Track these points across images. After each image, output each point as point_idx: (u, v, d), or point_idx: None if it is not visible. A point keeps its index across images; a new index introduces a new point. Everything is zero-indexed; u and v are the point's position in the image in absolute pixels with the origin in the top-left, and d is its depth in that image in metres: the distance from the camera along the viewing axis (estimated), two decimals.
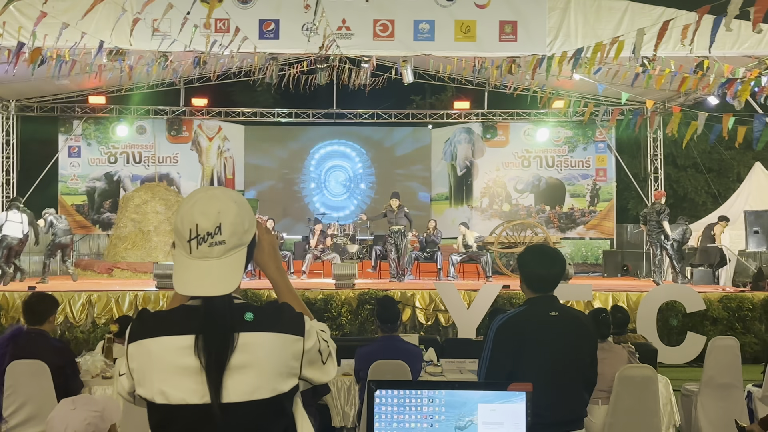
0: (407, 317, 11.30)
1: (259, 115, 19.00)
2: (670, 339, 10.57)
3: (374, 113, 18.87)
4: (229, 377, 1.77)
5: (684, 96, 15.30)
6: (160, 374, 1.79)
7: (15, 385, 4.77)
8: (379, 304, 5.40)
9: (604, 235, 18.94)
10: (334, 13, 12.21)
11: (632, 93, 15.08)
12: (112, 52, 12.02)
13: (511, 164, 18.76)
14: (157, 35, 11.66)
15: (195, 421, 1.78)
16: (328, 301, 11.17)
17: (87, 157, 18.24)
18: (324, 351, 1.95)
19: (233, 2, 12.31)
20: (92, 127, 18.20)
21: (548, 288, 3.53)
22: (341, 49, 12.43)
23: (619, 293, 11.57)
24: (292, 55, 13.67)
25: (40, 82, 14.84)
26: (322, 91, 17.45)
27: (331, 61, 14.15)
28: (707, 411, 6.21)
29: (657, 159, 17.91)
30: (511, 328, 3.44)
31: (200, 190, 1.90)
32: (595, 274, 18.41)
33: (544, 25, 12.48)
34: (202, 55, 12.58)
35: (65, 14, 11.14)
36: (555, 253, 3.60)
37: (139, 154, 18.35)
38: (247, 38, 11.73)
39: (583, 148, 18.57)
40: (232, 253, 1.85)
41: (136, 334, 1.85)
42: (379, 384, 2.72)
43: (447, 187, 19.47)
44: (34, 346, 4.85)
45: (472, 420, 2.65)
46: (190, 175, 18.42)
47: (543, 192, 18.63)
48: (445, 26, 12.52)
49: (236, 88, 21.28)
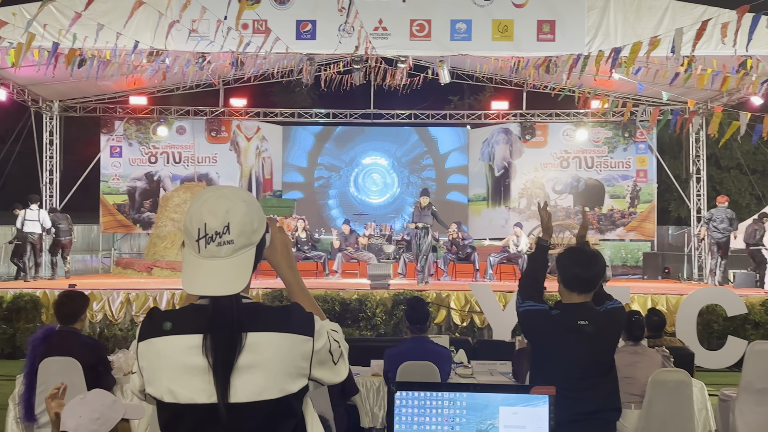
0: (442, 318, 11.26)
1: (297, 115, 19.08)
2: (710, 343, 10.38)
3: (411, 113, 18.84)
4: (237, 377, 1.76)
5: (727, 96, 15.02)
6: (168, 373, 1.79)
7: (48, 382, 4.82)
8: (408, 304, 5.38)
9: (645, 237, 18.65)
10: (370, 14, 12.21)
11: (674, 93, 14.86)
12: (152, 54, 12.18)
13: (550, 165, 18.56)
14: (194, 36, 11.77)
15: (203, 420, 1.78)
16: (363, 302, 11.17)
17: (128, 157, 18.47)
18: (335, 351, 1.93)
19: (271, 3, 12.38)
20: (133, 127, 18.42)
21: (587, 289, 3.48)
22: (377, 50, 12.43)
23: (659, 296, 11.40)
24: (329, 55, 13.69)
25: (82, 83, 15.08)
26: (359, 92, 17.48)
27: (367, 62, 14.15)
28: (745, 417, 6.06)
29: (699, 160, 17.59)
30: (534, 324, 3.46)
31: (209, 190, 1.89)
32: (635, 277, 18.16)
33: (582, 25, 12.34)
34: (239, 56, 12.67)
35: (105, 16, 11.29)
36: (594, 253, 3.56)
37: (178, 154, 18.53)
38: (279, 39, 11.76)
39: (624, 149, 18.31)
40: (240, 253, 1.84)
41: (146, 333, 1.85)
42: (400, 385, 2.70)
43: (484, 187, 19.35)
44: (66, 344, 4.92)
45: (493, 423, 2.61)
46: (228, 175, 18.55)
47: (582, 193, 18.41)
48: (483, 26, 12.44)
49: (275, 89, 21.44)
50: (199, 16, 10.57)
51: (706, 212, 16.68)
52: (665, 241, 19.41)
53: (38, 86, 15.87)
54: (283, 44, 12.01)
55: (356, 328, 10.99)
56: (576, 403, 3.31)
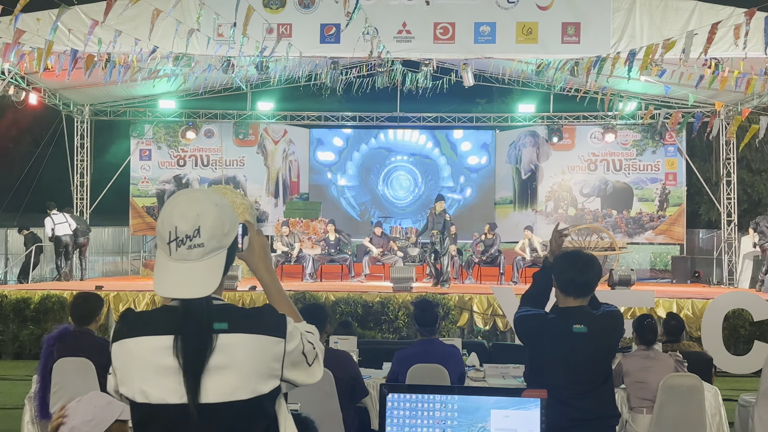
0: (464, 321, 11.24)
1: (324, 119, 19.16)
2: (737, 348, 10.25)
3: (438, 116, 18.83)
4: (209, 378, 1.79)
5: (757, 98, 14.81)
6: (140, 374, 1.82)
7: (62, 382, 4.91)
8: (416, 307, 5.36)
9: (674, 240, 18.43)
10: (394, 17, 12.26)
11: (702, 96, 14.69)
12: (178, 58, 12.31)
13: (577, 168, 18.42)
14: (219, 40, 11.88)
15: (175, 420, 1.81)
16: (386, 304, 11.18)
17: (157, 160, 18.68)
18: (309, 353, 1.95)
19: (295, 7, 12.46)
20: (162, 130, 18.63)
21: (583, 293, 3.47)
22: (401, 53, 12.46)
23: (684, 300, 11.25)
24: (353, 58, 13.74)
25: (111, 87, 15.29)
26: (385, 95, 17.51)
27: (391, 65, 14.17)
28: (764, 422, 5.98)
29: (730, 163, 17.35)
30: (527, 328, 3.45)
31: (182, 193, 1.92)
32: (663, 281, 17.97)
33: (608, 26, 12.25)
34: (264, 60, 12.76)
35: (131, 21, 11.43)
36: (589, 258, 3.54)
37: (206, 157, 18.70)
38: (291, 45, 11.85)
39: (652, 152, 18.11)
40: (211, 256, 1.87)
41: (119, 333, 1.88)
42: (391, 388, 2.71)
43: (511, 190, 19.26)
44: (80, 344, 5.00)
45: (485, 426, 2.62)
46: (256, 178, 18.69)
47: (610, 196, 18.24)
48: (507, 28, 12.41)
49: (302, 93, 21.51)
50: (222, 20, 10.69)
51: (735, 216, 16.46)
52: (695, 245, 19.15)
53: (69, 91, 16.16)
54: (307, 48, 12.09)
55: (378, 330, 11.02)
56: (572, 410, 3.29)
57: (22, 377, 9.04)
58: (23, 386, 7.54)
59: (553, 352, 3.39)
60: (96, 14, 10.92)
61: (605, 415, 3.43)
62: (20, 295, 11.58)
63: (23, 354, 11.28)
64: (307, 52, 12.26)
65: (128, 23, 11.35)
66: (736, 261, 16.54)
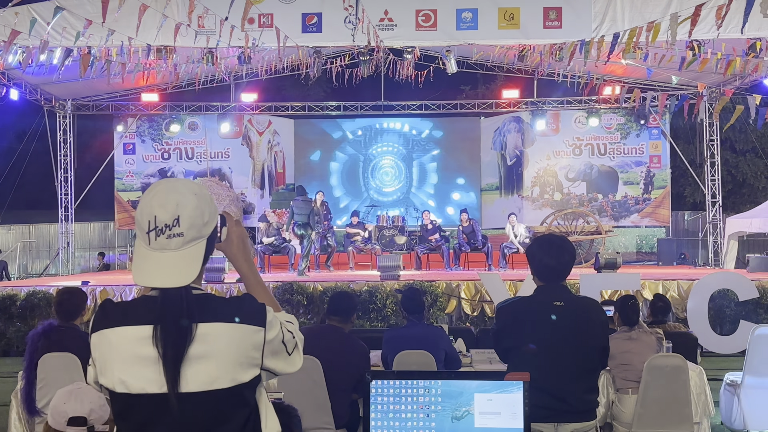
0: (452, 308, 11.26)
1: (308, 108, 19.11)
2: (722, 328, 10.33)
3: (423, 104, 18.82)
4: (188, 367, 1.79)
5: (740, 79, 14.86)
6: (120, 364, 1.82)
7: (47, 377, 4.90)
8: (403, 294, 5.39)
9: (659, 223, 18.53)
10: (376, 5, 12.17)
11: (686, 77, 14.71)
12: (160, 51, 12.22)
13: (562, 152, 18.46)
14: (201, 32, 11.80)
15: (155, 410, 1.81)
16: (373, 293, 11.18)
17: (141, 154, 18.59)
18: (289, 342, 1.96)
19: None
20: (146, 124, 18.54)
21: (557, 278, 3.48)
22: (384, 41, 12.40)
23: (670, 282, 11.31)
24: (336, 48, 13.69)
25: (94, 81, 15.19)
26: (370, 84, 17.46)
27: (374, 54, 14.12)
28: (750, 400, 6.06)
29: (713, 144, 17.43)
30: (510, 314, 3.45)
31: (161, 182, 1.92)
32: (649, 263, 18.06)
33: (589, 10, 12.21)
34: (245, 51, 12.69)
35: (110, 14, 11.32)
36: (563, 242, 3.54)
37: (191, 150, 18.64)
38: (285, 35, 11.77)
39: (636, 135, 18.17)
40: (190, 246, 1.87)
41: (98, 324, 1.88)
42: (375, 374, 2.72)
43: (497, 177, 19.30)
44: (66, 340, 4.98)
45: (468, 410, 2.63)
46: (241, 169, 18.65)
47: (595, 180, 18.31)
48: (489, 14, 12.34)
49: (286, 84, 21.46)
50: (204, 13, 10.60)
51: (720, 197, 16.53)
52: (680, 227, 19.27)
53: (50, 85, 16.00)
54: (289, 38, 12.02)
55: (367, 319, 11.02)
56: (555, 390, 3.31)
57: (9, 374, 8.99)
58: (10, 383, 7.50)
59: (536, 329, 3.39)
60: (75, 7, 10.82)
61: (588, 399, 3.45)
62: (6, 292, 11.53)
63: (10, 351, 11.24)
64: (289, 42, 12.18)
65: (109, 16, 11.24)
66: (722, 242, 16.63)
